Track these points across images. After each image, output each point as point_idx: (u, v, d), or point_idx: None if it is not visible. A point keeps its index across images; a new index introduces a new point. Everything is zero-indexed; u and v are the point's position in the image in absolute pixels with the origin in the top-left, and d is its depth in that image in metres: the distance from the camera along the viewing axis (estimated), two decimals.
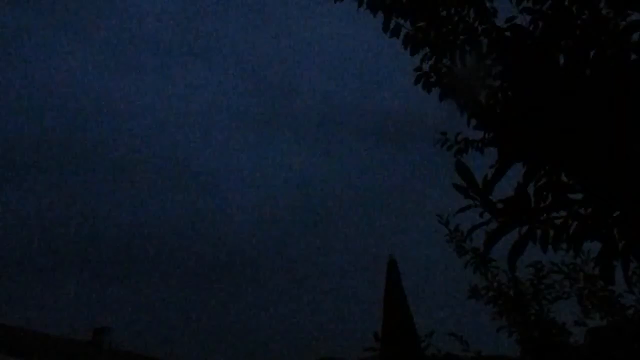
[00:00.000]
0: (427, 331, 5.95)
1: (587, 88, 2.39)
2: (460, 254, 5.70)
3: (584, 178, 2.30)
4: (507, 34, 3.01)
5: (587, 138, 2.31)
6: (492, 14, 3.27)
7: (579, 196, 2.27)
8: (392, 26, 3.59)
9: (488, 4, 3.29)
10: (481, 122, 2.97)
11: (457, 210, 2.34)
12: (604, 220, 2.22)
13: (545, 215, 2.24)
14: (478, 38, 3.25)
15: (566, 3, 2.82)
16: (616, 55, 2.48)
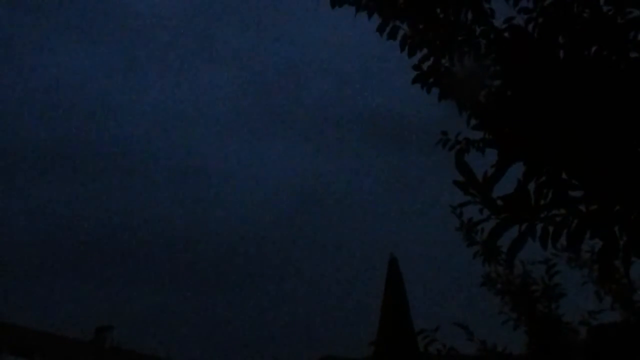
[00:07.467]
0: (428, 329, 5.89)
1: (586, 86, 2.38)
2: (470, 244, 5.65)
3: (585, 176, 2.29)
4: (506, 34, 3.00)
5: (587, 135, 2.31)
6: (490, 15, 3.26)
7: (579, 193, 2.26)
8: (388, 29, 3.57)
9: (485, 5, 3.27)
10: (480, 122, 2.97)
11: (457, 205, 2.34)
12: (605, 218, 2.21)
13: (545, 212, 2.23)
14: (476, 39, 3.24)
15: (567, 0, 2.81)
16: (615, 53, 2.47)
